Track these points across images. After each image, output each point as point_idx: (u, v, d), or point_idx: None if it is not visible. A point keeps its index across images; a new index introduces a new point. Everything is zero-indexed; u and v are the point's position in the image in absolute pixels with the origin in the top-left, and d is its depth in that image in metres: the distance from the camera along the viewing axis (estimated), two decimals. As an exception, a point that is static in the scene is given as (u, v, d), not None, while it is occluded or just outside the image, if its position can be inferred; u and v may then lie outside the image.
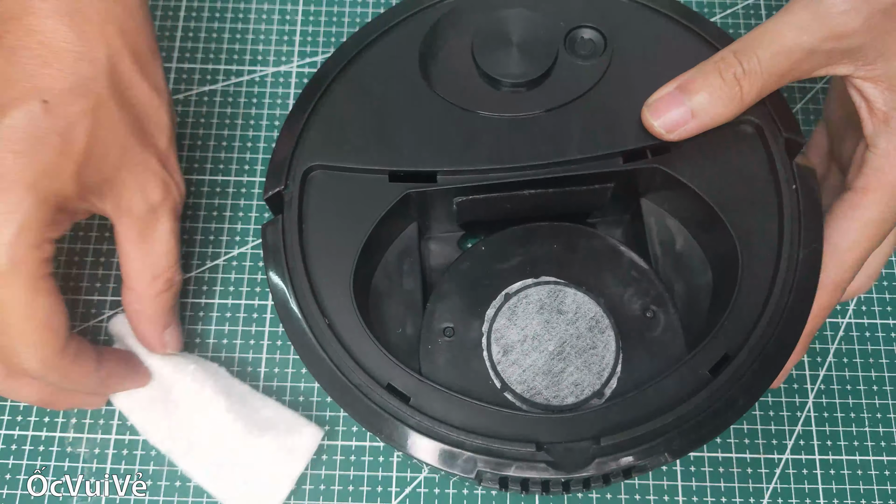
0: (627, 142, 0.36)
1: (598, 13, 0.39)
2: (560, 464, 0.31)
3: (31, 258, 0.31)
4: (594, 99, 0.37)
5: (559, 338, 0.34)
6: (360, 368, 0.33)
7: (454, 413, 0.32)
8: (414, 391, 0.33)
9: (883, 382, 0.43)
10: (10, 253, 0.31)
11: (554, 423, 0.32)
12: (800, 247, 0.34)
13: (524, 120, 0.37)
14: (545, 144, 0.36)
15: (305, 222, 0.36)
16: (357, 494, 0.42)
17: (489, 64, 0.37)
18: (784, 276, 0.34)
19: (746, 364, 0.33)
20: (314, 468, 0.42)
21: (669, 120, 0.34)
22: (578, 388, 0.33)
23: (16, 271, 0.31)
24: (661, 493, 0.41)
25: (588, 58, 0.38)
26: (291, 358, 0.44)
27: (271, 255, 0.35)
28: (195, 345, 0.45)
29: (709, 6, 0.52)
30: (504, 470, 0.31)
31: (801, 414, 0.43)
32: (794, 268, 0.34)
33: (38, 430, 0.43)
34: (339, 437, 0.43)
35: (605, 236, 0.35)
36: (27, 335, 0.32)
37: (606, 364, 0.33)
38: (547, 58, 0.37)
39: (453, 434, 0.31)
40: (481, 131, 0.36)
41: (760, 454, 0.42)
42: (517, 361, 0.33)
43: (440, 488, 0.41)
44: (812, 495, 0.41)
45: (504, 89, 0.37)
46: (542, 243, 0.36)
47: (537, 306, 0.34)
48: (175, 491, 0.42)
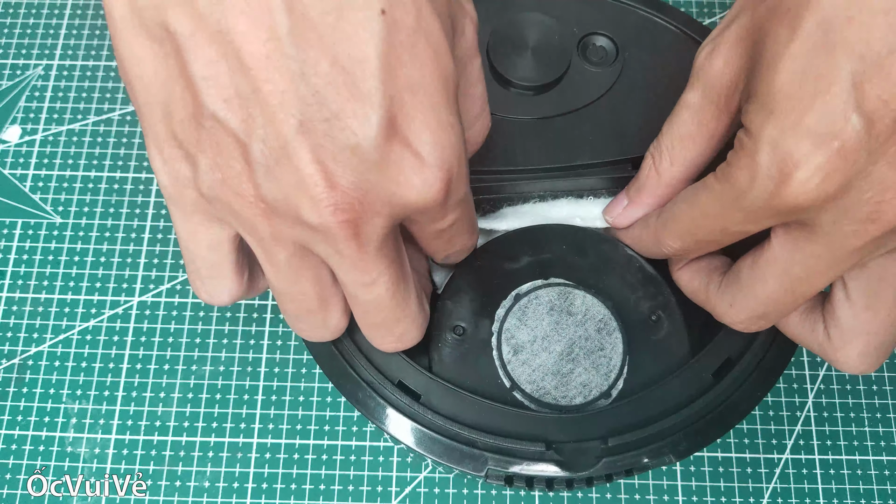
0: (636, 149, 0.36)
1: (612, 21, 0.39)
2: (569, 463, 0.31)
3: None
4: (605, 106, 0.38)
5: (568, 339, 0.34)
6: (371, 365, 0.33)
7: (464, 411, 0.32)
8: (424, 389, 0.33)
9: (883, 382, 0.44)
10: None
11: (563, 423, 0.32)
12: None
13: (536, 123, 0.37)
14: (557, 148, 0.37)
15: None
16: (357, 494, 0.42)
17: (504, 66, 0.37)
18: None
19: (749, 368, 0.33)
20: (314, 468, 0.42)
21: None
22: (587, 388, 0.33)
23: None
24: (661, 493, 0.42)
25: (600, 65, 0.38)
26: (291, 358, 0.44)
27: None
28: (195, 344, 0.44)
29: (709, 6, 0.53)
30: (514, 468, 0.31)
31: (800, 414, 0.43)
32: None
33: (38, 430, 0.42)
34: (339, 437, 0.43)
35: (613, 239, 0.36)
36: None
37: (614, 366, 0.34)
38: (561, 63, 0.38)
39: (464, 432, 0.32)
40: (494, 133, 0.37)
41: (760, 454, 0.42)
42: (527, 361, 0.34)
43: (440, 488, 0.42)
44: (812, 495, 0.42)
45: (517, 92, 0.38)
46: (551, 244, 0.36)
47: (547, 307, 0.34)
48: (175, 491, 0.41)
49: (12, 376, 0.44)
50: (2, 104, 0.50)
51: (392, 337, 0.31)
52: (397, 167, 0.25)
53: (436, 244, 0.31)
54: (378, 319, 0.30)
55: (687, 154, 0.32)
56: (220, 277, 0.30)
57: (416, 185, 0.25)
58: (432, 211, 0.27)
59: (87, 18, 0.53)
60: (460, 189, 0.27)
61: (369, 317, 0.30)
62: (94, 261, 0.46)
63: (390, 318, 0.30)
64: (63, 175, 0.48)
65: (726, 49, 0.29)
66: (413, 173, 0.25)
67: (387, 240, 0.27)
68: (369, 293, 0.28)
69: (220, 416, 0.43)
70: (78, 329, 0.45)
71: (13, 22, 0.52)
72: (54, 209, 0.47)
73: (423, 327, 0.32)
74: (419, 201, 0.26)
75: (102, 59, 0.51)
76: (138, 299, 0.46)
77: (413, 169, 0.25)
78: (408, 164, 0.25)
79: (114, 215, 0.47)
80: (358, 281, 0.27)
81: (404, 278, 0.29)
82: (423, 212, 0.26)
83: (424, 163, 0.25)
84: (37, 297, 0.45)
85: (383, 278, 0.28)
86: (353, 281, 0.28)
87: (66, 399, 0.43)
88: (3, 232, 0.47)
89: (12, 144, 0.49)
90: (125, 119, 0.50)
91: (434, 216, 0.28)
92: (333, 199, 0.24)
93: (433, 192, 0.25)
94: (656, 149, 0.33)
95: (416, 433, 0.32)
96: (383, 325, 0.30)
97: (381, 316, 0.30)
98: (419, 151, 0.25)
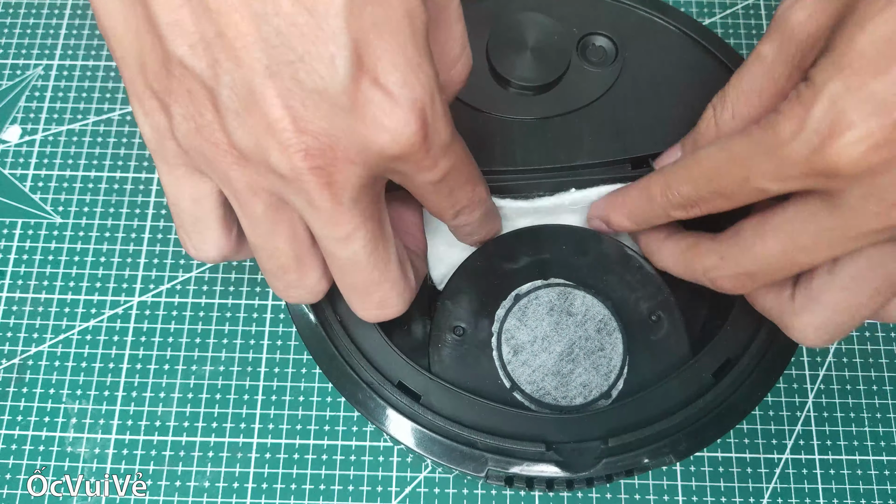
0: (636, 149, 0.36)
1: (611, 22, 0.39)
2: (569, 463, 0.31)
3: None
4: (604, 106, 0.38)
5: (568, 339, 0.34)
6: (371, 366, 0.33)
7: (464, 412, 0.32)
8: (424, 389, 0.33)
9: (883, 382, 0.44)
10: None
11: (563, 424, 0.32)
12: None
13: (535, 123, 0.37)
14: (556, 148, 0.37)
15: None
16: (357, 494, 0.42)
17: (504, 65, 0.37)
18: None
19: (748, 369, 0.33)
20: (314, 468, 0.42)
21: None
22: (587, 388, 0.33)
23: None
24: (661, 493, 0.42)
25: (599, 65, 0.38)
26: (291, 358, 0.44)
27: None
28: (195, 344, 0.44)
29: (708, 6, 0.53)
30: (514, 469, 0.31)
31: (800, 414, 0.43)
32: None
33: (38, 430, 0.42)
34: (339, 437, 0.43)
35: (613, 240, 0.36)
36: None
37: (614, 366, 0.34)
38: (560, 63, 0.38)
39: (465, 433, 0.32)
40: (493, 133, 0.37)
41: (760, 454, 0.42)
42: (527, 362, 0.34)
43: (440, 488, 0.42)
44: (812, 495, 0.42)
45: (516, 92, 0.38)
46: (550, 245, 0.36)
47: (547, 308, 0.34)
48: (175, 491, 0.41)
49: (12, 376, 0.44)
50: (2, 104, 0.50)
51: (372, 303, 0.30)
52: (367, 110, 0.24)
53: (436, 200, 0.29)
54: (356, 280, 0.29)
55: (752, 110, 0.30)
56: (205, 231, 0.29)
57: (389, 128, 0.24)
58: (414, 157, 0.26)
59: (87, 18, 0.53)
60: (441, 132, 0.26)
61: (347, 276, 0.29)
62: (94, 261, 0.46)
63: (368, 281, 0.29)
64: (63, 175, 0.48)
65: (813, 1, 0.27)
66: (384, 116, 0.24)
67: (363, 192, 0.26)
68: (345, 248, 0.27)
69: (220, 416, 0.43)
70: (78, 329, 0.45)
71: (13, 22, 0.52)
72: (54, 209, 0.47)
73: (407, 298, 0.31)
74: (394, 146, 0.25)
75: (102, 59, 0.51)
76: (138, 299, 0.46)
77: (384, 111, 0.24)
78: (378, 107, 0.24)
79: (114, 215, 0.47)
80: (332, 235, 0.27)
81: (384, 238, 0.28)
82: (402, 159, 0.25)
83: (395, 103, 0.24)
84: (37, 297, 0.45)
85: (359, 233, 0.27)
86: (327, 235, 0.27)
87: (66, 399, 0.43)
88: (3, 232, 0.47)
89: (12, 144, 0.49)
90: (125, 119, 0.50)
91: (419, 164, 0.26)
92: (304, 144, 0.24)
93: (407, 133, 0.24)
94: (720, 100, 0.31)
95: (416, 434, 0.32)
96: (362, 288, 0.29)
97: (359, 276, 0.29)
98: (390, 91, 0.24)
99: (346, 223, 0.26)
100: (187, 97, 0.25)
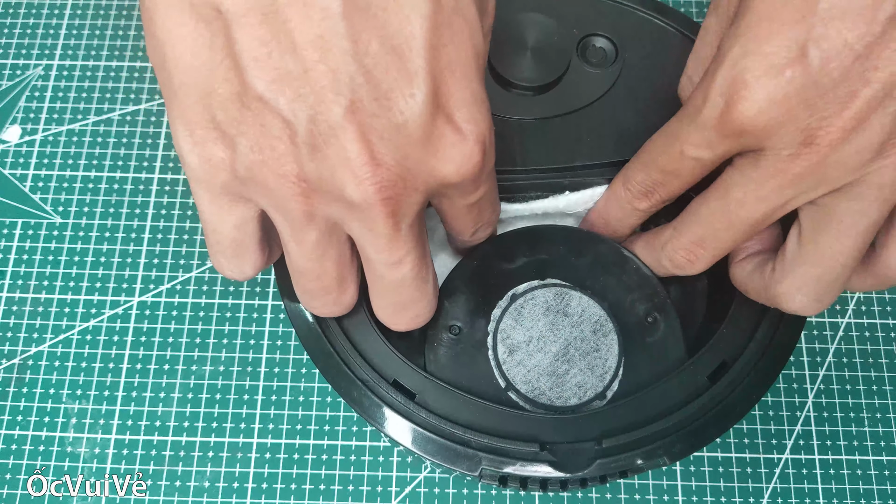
0: (635, 150, 0.36)
1: (611, 23, 0.39)
2: (563, 464, 0.31)
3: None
4: (604, 107, 0.38)
5: (564, 340, 0.34)
6: (367, 364, 0.33)
7: (459, 411, 0.32)
8: (419, 388, 0.33)
9: (883, 382, 0.44)
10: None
11: (558, 424, 0.32)
12: None
13: (535, 124, 0.37)
14: (556, 149, 0.37)
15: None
16: (357, 494, 0.42)
17: (504, 66, 0.37)
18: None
19: (744, 372, 0.33)
20: (314, 468, 0.42)
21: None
22: (582, 389, 0.33)
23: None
24: (661, 493, 0.41)
25: (599, 66, 0.38)
26: (291, 358, 0.44)
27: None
28: (195, 344, 0.45)
29: (708, 6, 0.52)
30: (508, 468, 0.31)
31: (800, 414, 0.43)
32: None
33: (38, 430, 0.42)
34: (339, 437, 0.43)
35: (610, 241, 0.36)
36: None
37: (609, 367, 0.33)
38: (560, 63, 0.38)
39: (459, 432, 0.32)
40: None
41: (760, 454, 0.42)
42: (522, 362, 0.33)
43: (440, 488, 0.42)
44: (812, 495, 0.41)
45: (516, 92, 0.38)
46: (548, 245, 0.36)
47: (543, 308, 0.34)
48: (175, 491, 0.42)
49: (12, 376, 0.44)
50: (2, 104, 0.50)
51: (409, 316, 0.31)
52: (439, 143, 0.25)
53: (466, 219, 0.31)
54: (398, 299, 0.30)
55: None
56: (245, 254, 0.30)
57: (456, 160, 0.26)
58: (466, 184, 0.27)
59: (87, 18, 0.53)
60: (491, 161, 0.28)
61: (390, 296, 0.30)
62: (94, 261, 0.46)
63: (409, 299, 0.30)
64: (63, 175, 0.48)
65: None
66: (453, 148, 0.26)
67: (418, 217, 0.27)
68: (396, 272, 0.28)
69: (220, 416, 0.43)
70: (78, 329, 0.45)
71: (13, 22, 0.52)
72: (54, 209, 0.48)
73: (434, 309, 0.32)
74: (458, 175, 0.26)
75: (102, 59, 0.51)
76: (138, 299, 0.46)
77: (453, 144, 0.26)
78: (448, 140, 0.26)
79: (114, 215, 0.47)
80: (387, 260, 0.28)
81: (426, 258, 0.30)
82: (457, 186, 0.27)
83: (464, 137, 0.26)
84: (37, 297, 0.46)
85: (410, 257, 0.28)
86: (381, 260, 0.28)
87: (66, 399, 0.43)
88: (3, 232, 0.47)
89: (12, 144, 0.49)
90: (125, 119, 0.50)
91: (467, 189, 0.28)
92: (378, 177, 0.25)
93: (471, 164, 0.26)
94: (684, 75, 0.33)
95: (411, 432, 0.32)
96: (402, 305, 0.30)
97: (402, 296, 0.30)
98: (459, 127, 0.26)
99: (399, 248, 0.27)
100: (259, 130, 0.25)
